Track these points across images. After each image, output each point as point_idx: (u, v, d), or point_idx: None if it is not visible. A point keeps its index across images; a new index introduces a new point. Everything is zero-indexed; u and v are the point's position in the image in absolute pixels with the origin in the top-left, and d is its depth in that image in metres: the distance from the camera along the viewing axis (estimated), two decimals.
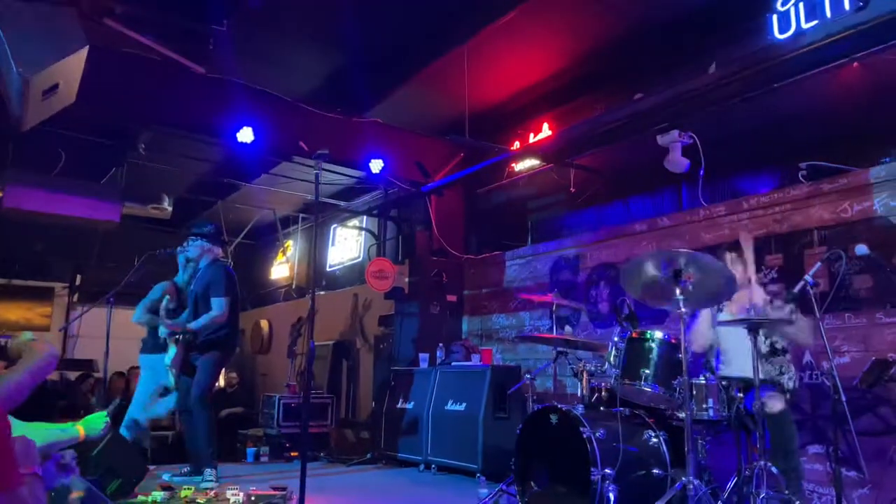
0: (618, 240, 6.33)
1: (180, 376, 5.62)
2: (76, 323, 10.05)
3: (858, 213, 4.56)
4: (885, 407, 4.25)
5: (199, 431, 5.44)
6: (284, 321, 11.23)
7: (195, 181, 9.53)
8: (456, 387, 6.36)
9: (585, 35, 6.43)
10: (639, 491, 3.67)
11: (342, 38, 6.60)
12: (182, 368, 5.60)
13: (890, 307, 4.29)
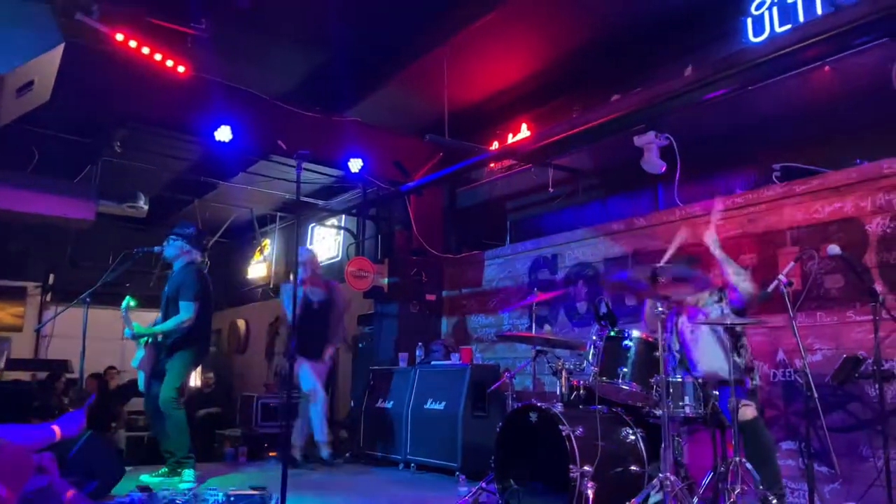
0: (595, 239, 6.39)
1: (151, 381, 5.54)
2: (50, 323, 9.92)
3: (830, 214, 4.66)
4: (855, 403, 4.35)
5: (173, 433, 5.39)
6: (262, 321, 11.19)
7: (172, 179, 9.45)
8: (435, 386, 6.39)
9: (564, 37, 6.48)
10: (617, 487, 3.72)
11: (322, 38, 6.60)
12: (152, 371, 5.53)
13: (860, 306, 4.38)
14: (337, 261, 10.28)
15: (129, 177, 8.79)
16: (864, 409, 4.30)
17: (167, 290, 5.67)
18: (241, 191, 9.47)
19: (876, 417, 4.11)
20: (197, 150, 7.93)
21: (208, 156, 8.12)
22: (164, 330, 5.49)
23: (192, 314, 5.44)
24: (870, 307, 3.82)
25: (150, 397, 5.56)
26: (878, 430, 3.90)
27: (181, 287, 5.52)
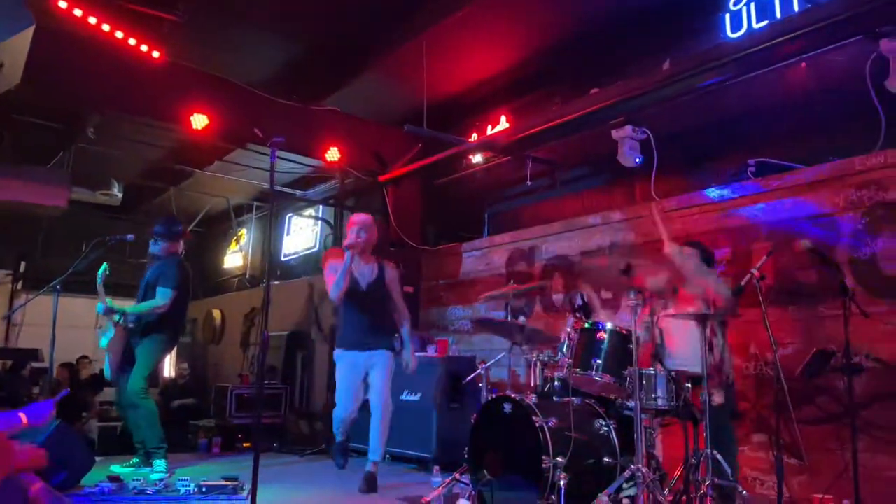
0: (572, 232, 6.41)
1: (121, 371, 5.46)
2: (20, 311, 9.76)
3: (803, 210, 4.70)
4: (824, 396, 4.41)
5: (143, 422, 5.35)
6: (237, 311, 11.10)
7: (146, 167, 9.34)
8: (411, 377, 6.35)
9: (543, 29, 6.49)
10: (589, 478, 3.74)
11: (300, 26, 6.54)
12: (122, 358, 5.47)
13: (831, 300, 4.43)
14: (314, 251, 10.22)
15: (103, 164, 8.68)
16: (833, 403, 4.36)
17: (148, 276, 5.65)
18: (218, 180, 9.38)
19: (845, 410, 4.16)
20: (172, 137, 7.83)
21: (184, 143, 8.02)
22: (137, 311, 5.45)
23: (168, 301, 5.42)
24: (840, 301, 3.86)
25: (119, 388, 5.51)
26: (847, 423, 3.95)
27: (162, 275, 5.51)
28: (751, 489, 4.56)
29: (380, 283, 5.15)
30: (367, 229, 5.12)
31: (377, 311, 5.13)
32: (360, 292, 5.07)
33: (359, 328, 5.10)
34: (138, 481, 4.67)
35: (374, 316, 5.11)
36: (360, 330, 5.09)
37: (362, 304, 5.09)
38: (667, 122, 5.85)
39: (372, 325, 5.11)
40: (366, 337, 5.07)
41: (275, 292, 9.60)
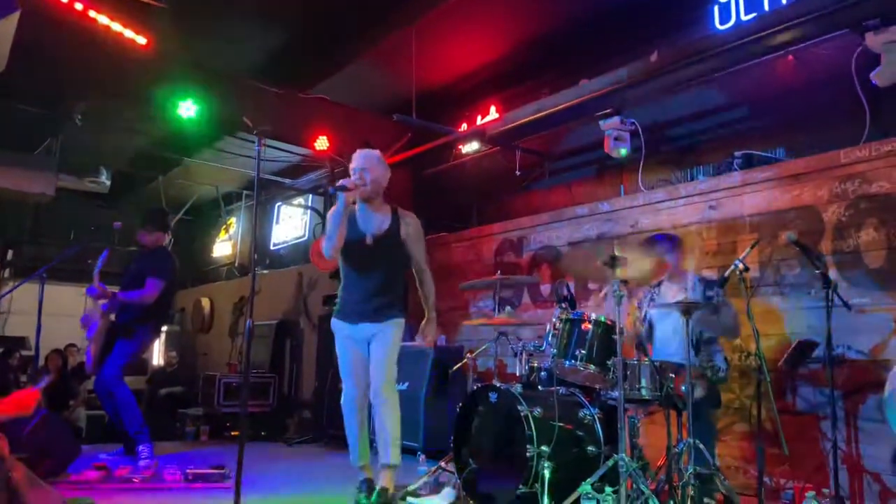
0: (560, 223, 6.43)
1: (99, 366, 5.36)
2: (6, 299, 9.72)
3: (789, 202, 4.74)
4: (807, 387, 4.46)
5: (121, 409, 5.23)
6: (226, 300, 11.09)
7: (135, 154, 9.28)
8: (399, 366, 6.36)
9: (533, 19, 6.48)
10: (573, 467, 3.77)
11: (288, 13, 6.50)
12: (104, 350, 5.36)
13: (814, 292, 4.48)
14: (303, 240, 10.21)
15: (91, 151, 8.63)
16: (815, 393, 4.41)
17: (135, 266, 5.61)
18: (207, 168, 9.34)
19: (826, 401, 4.21)
20: (160, 125, 7.78)
21: (172, 131, 7.97)
22: (125, 299, 5.36)
23: (156, 292, 5.36)
24: (823, 293, 3.89)
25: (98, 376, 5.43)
26: (828, 414, 4.00)
27: (151, 265, 5.45)
28: (733, 478, 4.60)
29: (392, 236, 4.18)
30: (373, 167, 4.19)
31: (385, 273, 4.17)
32: (365, 248, 4.11)
33: (360, 294, 4.17)
34: (125, 469, 4.68)
35: (380, 279, 4.16)
36: (361, 296, 4.17)
37: (365, 263, 4.16)
38: (655, 114, 5.87)
39: (377, 290, 4.16)
40: (368, 305, 4.13)
41: (263, 281, 9.62)
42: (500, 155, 7.29)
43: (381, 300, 4.15)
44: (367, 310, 4.13)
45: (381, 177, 4.26)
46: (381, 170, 4.28)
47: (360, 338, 4.15)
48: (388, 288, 4.20)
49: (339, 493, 4.39)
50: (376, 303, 4.14)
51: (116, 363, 5.27)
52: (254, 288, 3.80)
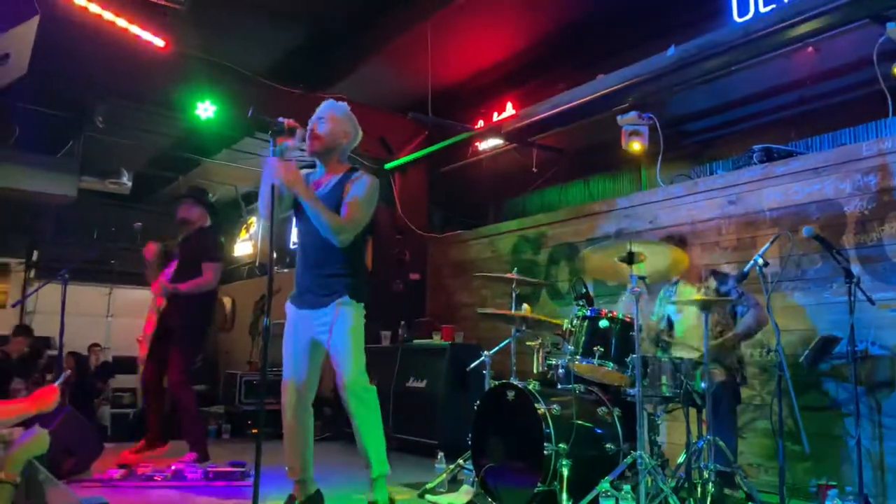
0: (578, 219, 6.40)
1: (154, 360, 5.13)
2: (33, 299, 9.86)
3: (809, 196, 4.67)
4: (829, 383, 4.40)
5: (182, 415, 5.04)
6: (248, 299, 11.17)
7: (155, 156, 9.39)
8: (417, 364, 6.41)
9: (549, 14, 6.45)
10: (592, 465, 3.75)
11: (304, 13, 6.52)
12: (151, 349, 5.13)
13: (836, 287, 4.41)
14: None
15: (112, 153, 8.72)
16: (838, 389, 4.35)
17: (182, 253, 5.24)
18: (226, 168, 9.41)
19: (849, 397, 4.15)
20: (179, 126, 7.87)
21: (191, 132, 8.06)
22: (187, 291, 5.03)
23: (215, 276, 5.09)
24: (846, 288, 3.84)
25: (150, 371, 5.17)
26: (851, 410, 3.94)
27: (203, 248, 5.14)
28: (753, 476, 4.56)
29: (333, 198, 3.45)
30: (333, 118, 3.58)
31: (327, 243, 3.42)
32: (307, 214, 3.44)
33: (302, 271, 3.58)
34: (147, 467, 4.73)
35: (321, 251, 3.48)
36: (302, 273, 3.58)
37: (308, 233, 3.54)
38: (673, 108, 5.82)
39: (317, 264, 3.51)
40: (309, 284, 3.53)
41: (283, 280, 9.62)
42: (517, 151, 7.26)
43: (321, 279, 3.49)
44: (308, 292, 3.52)
45: (339, 132, 3.58)
46: (343, 126, 3.61)
47: (301, 327, 3.55)
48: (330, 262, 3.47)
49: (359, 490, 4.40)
50: (316, 282, 3.49)
51: (181, 368, 5.05)
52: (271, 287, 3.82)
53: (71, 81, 6.26)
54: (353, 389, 3.45)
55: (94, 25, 5.84)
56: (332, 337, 3.45)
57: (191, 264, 5.13)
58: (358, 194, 3.46)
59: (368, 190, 3.51)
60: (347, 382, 3.44)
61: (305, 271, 3.57)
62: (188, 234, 5.31)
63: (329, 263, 3.48)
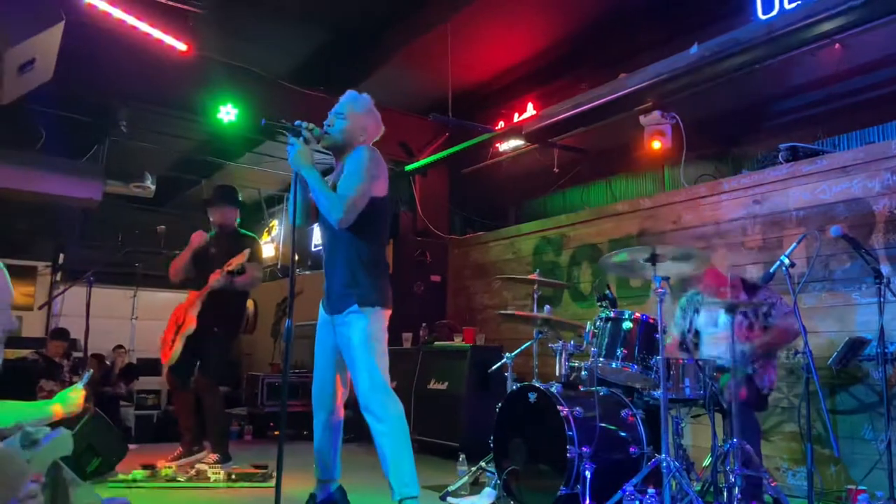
0: (600, 220, 6.35)
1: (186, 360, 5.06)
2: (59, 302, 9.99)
3: (837, 195, 4.59)
4: (858, 386, 4.31)
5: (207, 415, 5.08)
6: (270, 301, 11.23)
7: (178, 159, 9.48)
8: (438, 366, 6.40)
9: (570, 13, 6.40)
10: (615, 468, 3.71)
11: (324, 15, 6.54)
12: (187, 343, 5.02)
13: (865, 288, 4.33)
14: None
15: (136, 157, 8.81)
16: (868, 392, 4.26)
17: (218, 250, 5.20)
18: (248, 171, 9.47)
19: (879, 400, 4.07)
20: (202, 129, 7.92)
21: (214, 136, 8.12)
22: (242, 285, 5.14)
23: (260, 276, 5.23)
24: (875, 288, 3.76)
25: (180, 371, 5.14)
26: (882, 413, 3.86)
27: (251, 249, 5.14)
28: (781, 480, 4.49)
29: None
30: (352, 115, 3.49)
31: (339, 242, 3.37)
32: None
33: (325, 273, 3.50)
34: (170, 469, 4.76)
35: (334, 251, 3.42)
36: (325, 276, 3.49)
37: (324, 234, 3.50)
38: (696, 107, 5.75)
39: (331, 266, 3.44)
40: (328, 288, 3.47)
41: (305, 282, 9.70)
42: (538, 152, 7.23)
43: (336, 282, 3.39)
44: (328, 296, 3.45)
45: (355, 129, 3.48)
46: (361, 122, 3.51)
47: (327, 333, 3.51)
48: (342, 263, 3.37)
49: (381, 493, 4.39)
50: (333, 286, 3.41)
51: (212, 370, 5.11)
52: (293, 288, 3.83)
53: (95, 86, 6.32)
54: (367, 406, 3.31)
55: (117, 30, 5.91)
56: (345, 351, 3.39)
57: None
58: (349, 169, 3.31)
59: (360, 162, 3.31)
60: (360, 400, 3.32)
61: (326, 274, 3.50)
62: (224, 234, 5.37)
63: (341, 267, 3.39)
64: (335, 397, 3.56)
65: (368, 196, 3.29)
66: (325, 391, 3.55)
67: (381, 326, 3.39)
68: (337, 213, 3.20)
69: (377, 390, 3.30)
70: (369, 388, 3.30)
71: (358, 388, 3.33)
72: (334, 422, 3.60)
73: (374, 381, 3.30)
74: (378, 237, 3.48)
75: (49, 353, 7.84)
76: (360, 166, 3.30)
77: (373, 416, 3.30)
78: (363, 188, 3.26)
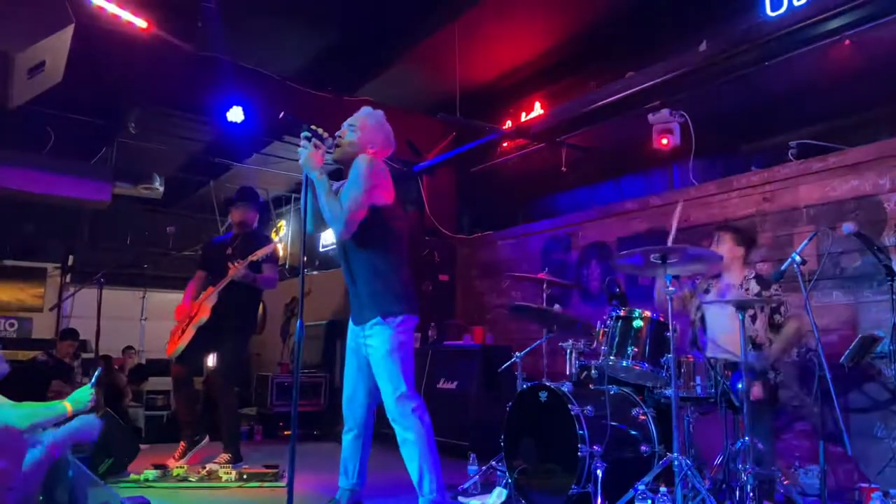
0: (609, 219, 6.34)
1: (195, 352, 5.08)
2: (69, 304, 10.04)
3: (847, 192, 4.57)
4: (870, 384, 4.29)
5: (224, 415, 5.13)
6: (278, 301, 11.24)
7: (186, 161, 9.49)
8: (447, 365, 6.40)
9: (577, 12, 6.38)
10: (626, 467, 3.70)
11: (332, 16, 6.54)
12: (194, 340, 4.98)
13: (877, 285, 4.31)
14: None
15: (145, 158, 8.84)
16: (880, 390, 4.24)
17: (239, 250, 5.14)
18: (256, 172, 9.48)
19: (891, 397, 4.05)
20: (210, 131, 7.95)
21: (222, 137, 8.13)
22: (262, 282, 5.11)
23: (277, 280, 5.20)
24: (887, 286, 3.74)
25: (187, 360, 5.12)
26: (894, 411, 3.85)
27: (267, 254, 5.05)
28: (794, 478, 4.47)
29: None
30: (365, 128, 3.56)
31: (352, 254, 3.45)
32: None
33: (349, 284, 3.54)
34: (181, 469, 4.77)
35: (350, 262, 3.47)
36: (350, 287, 3.54)
37: (338, 243, 3.54)
38: (705, 105, 5.74)
39: (351, 278, 3.49)
40: (352, 299, 3.53)
41: (313, 282, 9.72)
42: (546, 151, 7.21)
43: (360, 294, 3.44)
44: (354, 307, 3.50)
45: (364, 142, 3.52)
46: (372, 136, 3.56)
47: (356, 343, 3.57)
48: (362, 274, 3.43)
49: (392, 491, 4.40)
50: (358, 297, 3.46)
51: (225, 367, 5.13)
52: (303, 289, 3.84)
53: (104, 88, 6.34)
54: (393, 417, 3.40)
55: (126, 33, 5.92)
56: (371, 361, 3.45)
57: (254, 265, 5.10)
58: (349, 180, 3.37)
59: (357, 173, 3.35)
60: (387, 410, 3.41)
61: (348, 285, 3.54)
62: (242, 234, 5.35)
63: (360, 278, 3.46)
64: (365, 407, 3.65)
65: (366, 206, 3.34)
66: (355, 401, 3.63)
67: (406, 336, 3.45)
68: (338, 225, 3.30)
69: (403, 401, 3.37)
70: (395, 398, 3.36)
71: (384, 399, 3.41)
72: (363, 432, 3.67)
73: (398, 392, 3.36)
74: (390, 245, 3.51)
75: (59, 354, 7.88)
76: (357, 177, 3.36)
77: (399, 425, 3.39)
78: (360, 199, 3.32)
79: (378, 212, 3.39)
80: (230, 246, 5.28)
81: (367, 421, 3.67)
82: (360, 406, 3.62)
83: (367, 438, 3.70)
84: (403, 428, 3.37)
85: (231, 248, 5.26)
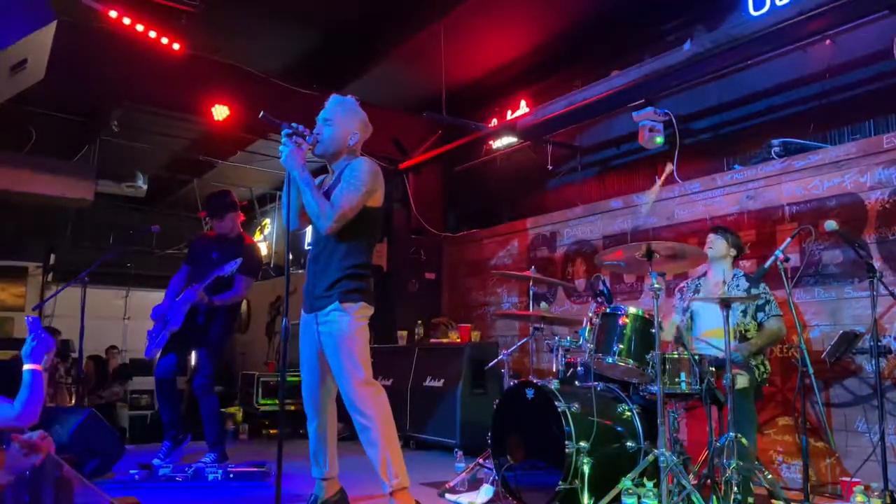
0: (594, 217, 6.37)
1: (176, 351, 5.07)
2: (51, 303, 9.95)
3: (829, 190, 4.63)
4: (851, 379, 4.35)
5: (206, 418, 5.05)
6: (263, 300, 11.20)
7: (170, 159, 9.44)
8: (434, 363, 6.41)
9: (562, 11, 6.40)
10: (612, 463, 3.73)
11: (316, 14, 6.52)
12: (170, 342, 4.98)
13: (858, 282, 4.37)
14: None
15: (128, 156, 8.78)
16: (861, 385, 4.31)
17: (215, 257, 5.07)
18: (240, 170, 9.46)
19: (872, 392, 4.11)
20: (194, 129, 7.91)
21: (206, 135, 8.10)
22: (221, 302, 5.00)
23: (247, 291, 5.08)
24: (868, 282, 3.80)
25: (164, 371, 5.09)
26: (875, 406, 3.90)
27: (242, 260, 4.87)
28: (777, 472, 4.52)
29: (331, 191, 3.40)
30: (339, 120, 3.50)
31: (328, 245, 3.45)
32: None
33: (309, 273, 3.52)
34: (167, 468, 4.75)
35: (322, 251, 3.47)
36: (309, 276, 3.51)
37: (315, 233, 3.57)
38: (689, 103, 5.79)
39: (315, 261, 3.50)
40: (313, 286, 3.46)
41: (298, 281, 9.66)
42: (532, 149, 7.24)
43: (322, 280, 3.41)
44: (311, 294, 3.46)
45: (343, 134, 3.49)
46: (349, 125, 3.51)
47: (311, 332, 3.48)
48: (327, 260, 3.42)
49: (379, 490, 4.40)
50: (318, 283, 3.42)
51: (206, 372, 5.08)
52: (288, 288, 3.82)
53: (87, 86, 6.29)
54: (352, 403, 3.35)
55: (109, 30, 5.87)
56: (327, 348, 3.39)
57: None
58: (347, 179, 3.37)
59: (359, 176, 3.36)
60: (345, 397, 3.37)
61: (308, 272, 3.52)
62: (226, 239, 5.24)
63: (326, 267, 3.43)
64: (325, 396, 3.60)
65: (360, 208, 3.38)
66: (314, 391, 3.58)
67: (362, 323, 3.42)
68: (326, 220, 3.30)
69: (360, 387, 3.33)
70: (353, 384, 3.32)
71: (342, 386, 3.37)
72: (326, 420, 3.64)
73: (357, 378, 3.32)
74: (369, 243, 3.58)
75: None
76: (358, 180, 3.36)
77: (358, 412, 3.34)
78: (357, 201, 3.35)
79: (367, 212, 3.44)
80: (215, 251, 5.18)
81: (330, 408, 3.63)
82: (319, 395, 3.58)
83: (333, 423, 3.67)
84: (362, 415, 3.33)
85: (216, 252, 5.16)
